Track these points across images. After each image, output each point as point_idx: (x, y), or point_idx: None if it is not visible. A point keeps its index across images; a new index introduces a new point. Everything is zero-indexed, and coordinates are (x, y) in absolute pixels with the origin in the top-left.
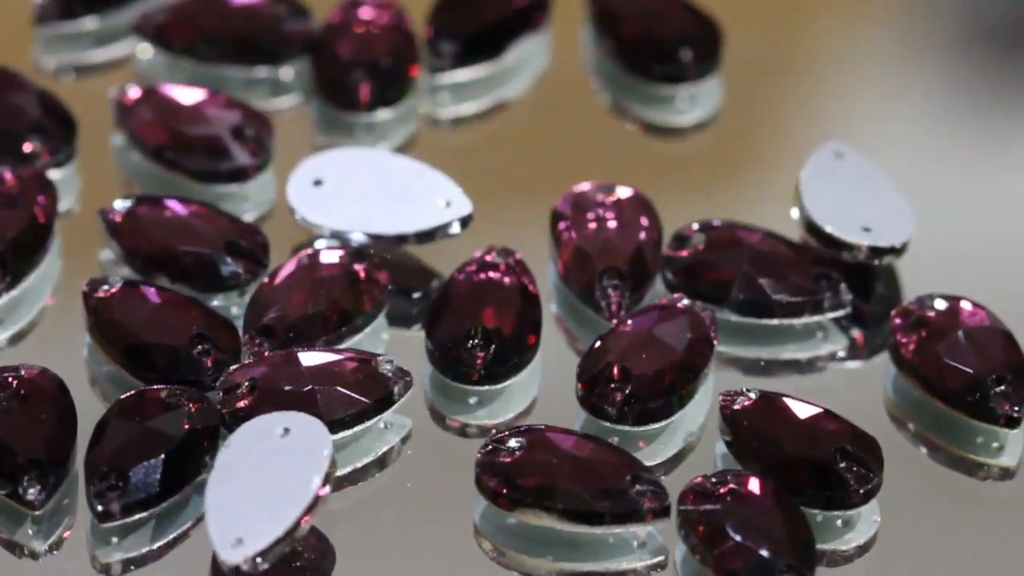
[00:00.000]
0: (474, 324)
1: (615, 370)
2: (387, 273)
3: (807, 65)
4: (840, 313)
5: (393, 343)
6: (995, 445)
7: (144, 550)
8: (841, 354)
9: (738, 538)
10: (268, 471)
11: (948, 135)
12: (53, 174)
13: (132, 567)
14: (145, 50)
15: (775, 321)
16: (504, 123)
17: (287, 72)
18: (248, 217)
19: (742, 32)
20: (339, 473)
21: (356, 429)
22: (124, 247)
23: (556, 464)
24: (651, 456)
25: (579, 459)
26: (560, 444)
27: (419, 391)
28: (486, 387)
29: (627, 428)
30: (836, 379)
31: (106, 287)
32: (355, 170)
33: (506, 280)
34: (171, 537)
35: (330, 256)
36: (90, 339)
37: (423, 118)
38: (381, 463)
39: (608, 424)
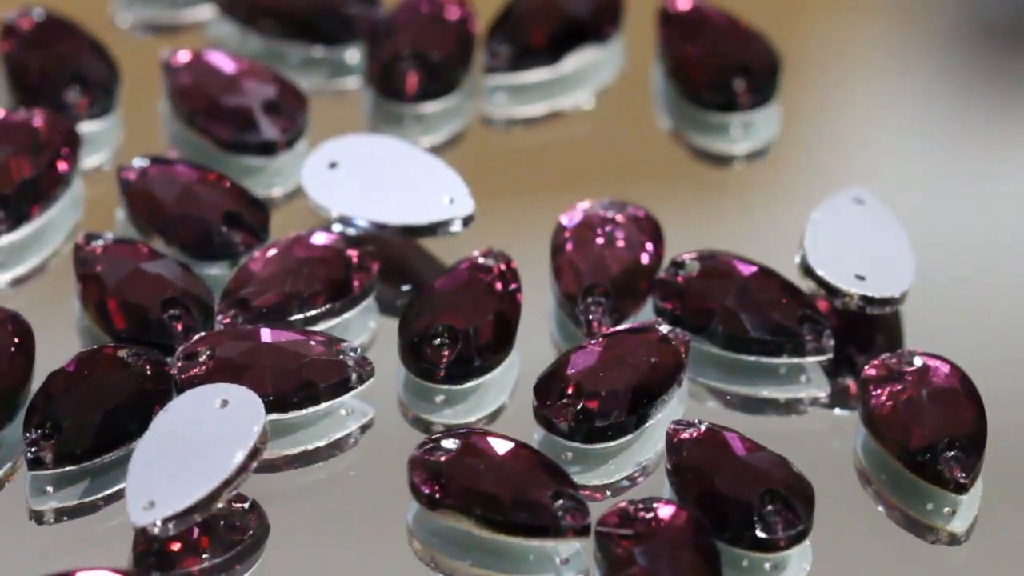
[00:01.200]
0: (443, 323)
1: (570, 386)
2: (378, 263)
3: (806, 62)
4: (821, 359)
5: (380, 332)
6: (947, 510)
7: (77, 502)
8: (824, 400)
9: (643, 565)
10: (196, 439)
11: (947, 134)
12: (90, 126)
13: (64, 517)
14: (218, 18)
15: (753, 358)
16: (553, 131)
17: (353, 55)
18: (275, 193)
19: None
20: (290, 452)
21: (308, 411)
22: (130, 206)
23: (483, 470)
24: (602, 476)
25: (507, 467)
26: (493, 450)
27: (392, 383)
28: (449, 387)
29: (577, 445)
30: (812, 425)
31: (99, 242)
32: (371, 157)
33: (490, 283)
34: (107, 493)
35: (319, 238)
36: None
37: (476, 116)
38: (336, 448)
39: (559, 439)
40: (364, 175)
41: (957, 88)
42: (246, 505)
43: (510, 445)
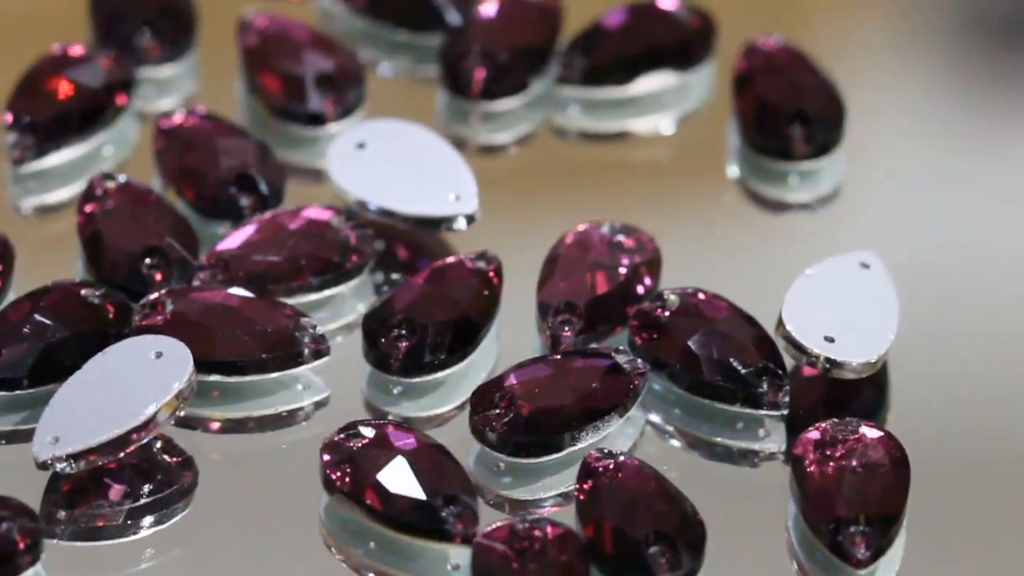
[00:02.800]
0: (404, 315)
1: (504, 398)
2: (373, 247)
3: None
4: (774, 414)
5: None
6: None
7: (13, 428)
8: (780, 456)
9: None
10: (119, 386)
11: (947, 131)
12: (167, 70)
13: (2, 441)
14: None
15: (717, 404)
16: (619, 151)
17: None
18: (319, 164)
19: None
20: (239, 415)
21: (254, 378)
22: (157, 154)
23: (381, 462)
24: (530, 492)
25: (407, 463)
26: (401, 445)
27: (359, 368)
28: (405, 379)
29: (506, 457)
30: (761, 478)
31: (110, 182)
32: (396, 143)
33: (468, 284)
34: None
35: (316, 213)
36: None
37: (546, 123)
38: (287, 420)
39: (490, 450)
40: (385, 160)
41: (956, 87)
42: (179, 459)
43: (422, 443)
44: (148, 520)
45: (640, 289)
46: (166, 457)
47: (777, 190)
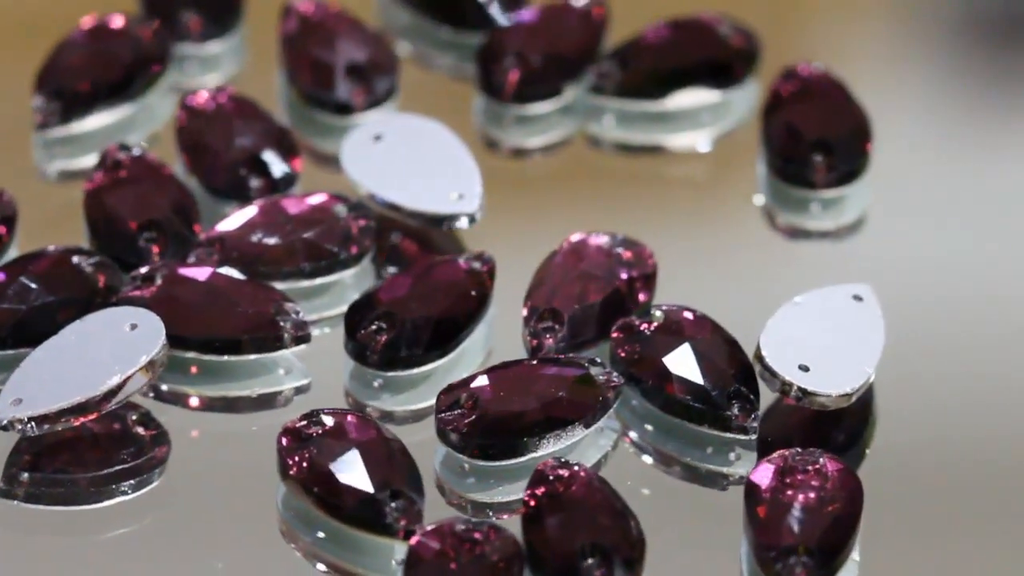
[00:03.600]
0: (385, 308)
1: (470, 399)
2: (372, 241)
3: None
4: (742, 438)
5: None
6: None
7: None
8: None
9: None
10: (90, 353)
11: (947, 127)
12: (207, 48)
13: None
14: None
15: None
16: (645, 164)
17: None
18: None
19: None
20: (218, 394)
21: (231, 358)
22: (177, 129)
23: (336, 451)
24: (490, 495)
25: (359, 455)
26: (356, 436)
27: (343, 358)
28: (382, 372)
29: (468, 459)
30: (727, 502)
31: (125, 153)
32: (411, 138)
33: (455, 283)
34: None
35: (320, 200)
36: None
37: (579, 131)
38: (265, 403)
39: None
40: (398, 154)
41: (956, 87)
42: (154, 432)
43: (378, 436)
44: (115, 489)
45: (632, 303)
46: (140, 429)
47: (799, 217)
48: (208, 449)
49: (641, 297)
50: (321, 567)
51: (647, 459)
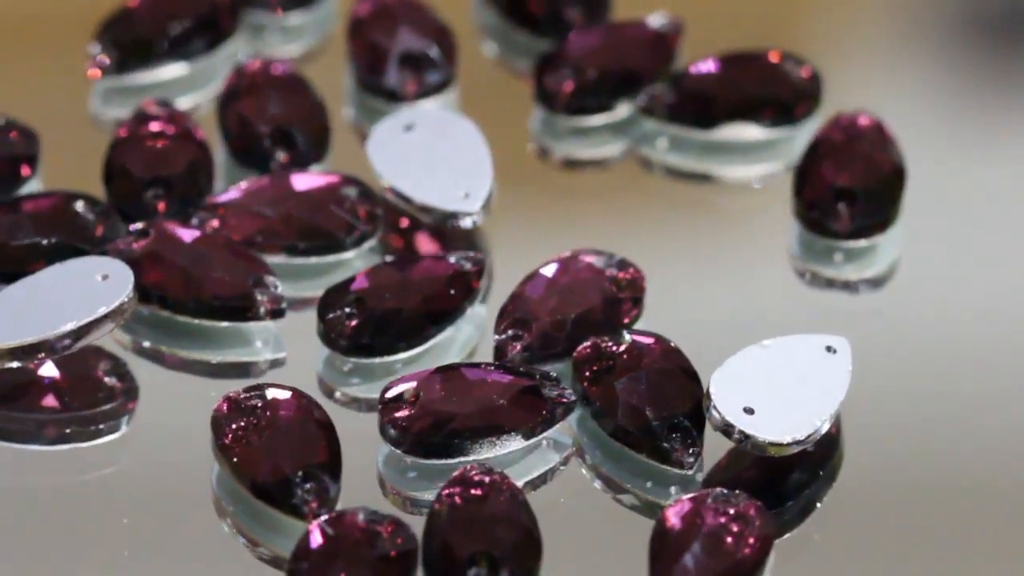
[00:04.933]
0: (358, 294)
1: (412, 396)
2: (375, 227)
3: (807, 42)
4: (680, 472)
5: None
6: None
7: None
8: None
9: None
10: (56, 298)
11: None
12: (292, 18)
13: None
14: None
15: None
16: (690, 191)
17: None
18: None
19: None
20: (190, 356)
21: (205, 322)
22: (222, 93)
23: (260, 426)
24: (421, 492)
25: (283, 433)
26: (284, 411)
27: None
28: (347, 357)
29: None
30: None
31: (159, 108)
32: (439, 132)
33: (438, 278)
34: None
35: (330, 180)
36: None
37: (630, 150)
38: (241, 371)
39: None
40: (422, 146)
41: (956, 85)
42: (124, 386)
43: (310, 417)
44: (73, 434)
45: (615, 323)
46: (112, 380)
47: (821, 263)
48: (176, 409)
49: (626, 319)
50: (242, 540)
51: (593, 481)
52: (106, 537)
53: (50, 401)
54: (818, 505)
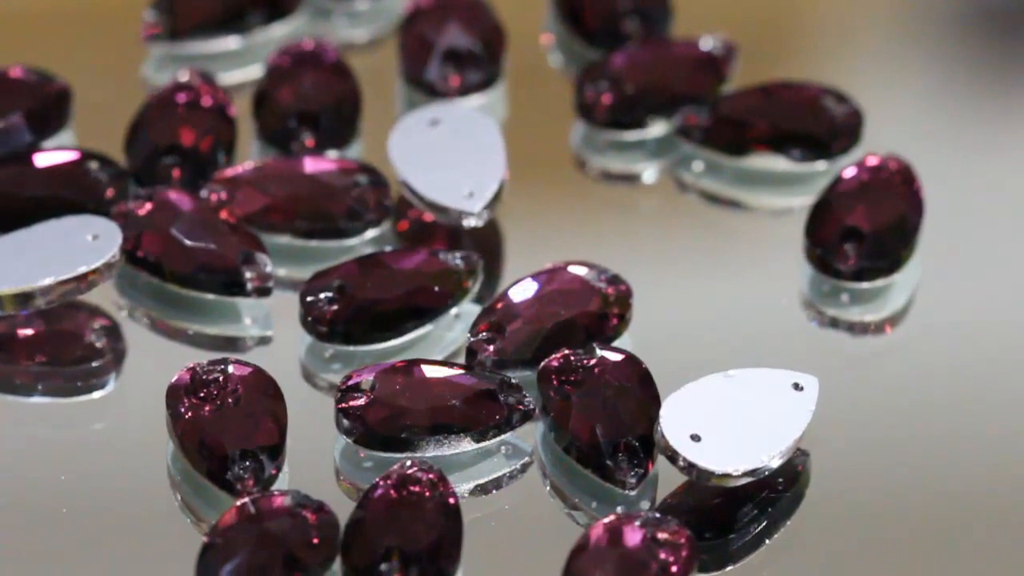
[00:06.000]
0: (341, 281)
1: (369, 386)
2: (381, 217)
3: (808, 37)
4: (624, 493)
5: None
6: None
7: None
8: None
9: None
10: (43, 251)
11: (947, 120)
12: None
13: None
14: None
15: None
16: (717, 216)
17: None
18: None
19: None
20: (182, 326)
21: (191, 293)
22: (266, 71)
23: (212, 400)
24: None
25: (227, 409)
26: (236, 388)
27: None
28: (324, 343)
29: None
30: None
31: (199, 80)
32: (461, 129)
33: (424, 271)
34: None
35: (343, 166)
36: None
37: (665, 169)
38: (223, 344)
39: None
40: (441, 142)
41: (958, 77)
42: (113, 346)
43: (262, 396)
44: (56, 389)
45: (588, 336)
46: (102, 340)
47: (826, 302)
48: (158, 375)
49: (608, 334)
50: (188, 516)
51: (546, 492)
52: (70, 492)
53: (36, 355)
54: (767, 541)
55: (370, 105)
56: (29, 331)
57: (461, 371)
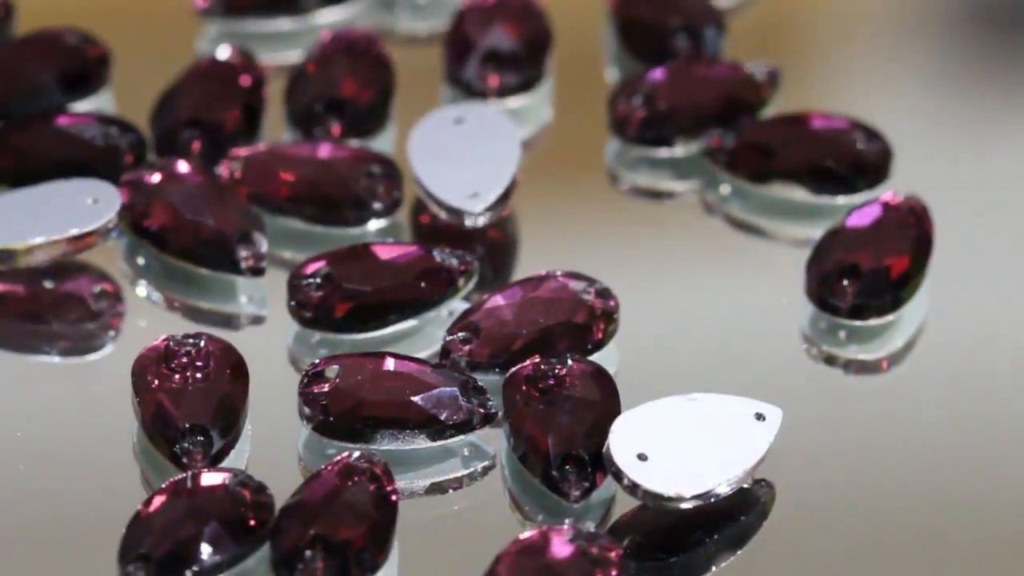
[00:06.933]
0: (330, 268)
1: (332, 376)
2: (390, 207)
3: (808, 39)
4: (566, 505)
5: None
6: None
7: None
8: None
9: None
10: (42, 211)
11: (948, 115)
12: None
13: None
14: None
15: None
16: (736, 241)
17: None
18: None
19: None
20: (182, 299)
21: (186, 265)
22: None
23: (170, 373)
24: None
25: (185, 382)
26: (200, 363)
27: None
28: (310, 329)
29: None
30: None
31: (238, 58)
32: (482, 129)
33: (415, 267)
34: None
35: (354, 152)
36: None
37: (694, 188)
38: (217, 319)
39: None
40: (460, 141)
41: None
42: (114, 310)
43: (225, 372)
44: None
45: (568, 346)
46: (99, 303)
47: (828, 340)
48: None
49: (587, 347)
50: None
51: (502, 498)
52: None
53: (35, 313)
54: (713, 568)
55: (412, 99)
56: (30, 289)
57: (429, 369)
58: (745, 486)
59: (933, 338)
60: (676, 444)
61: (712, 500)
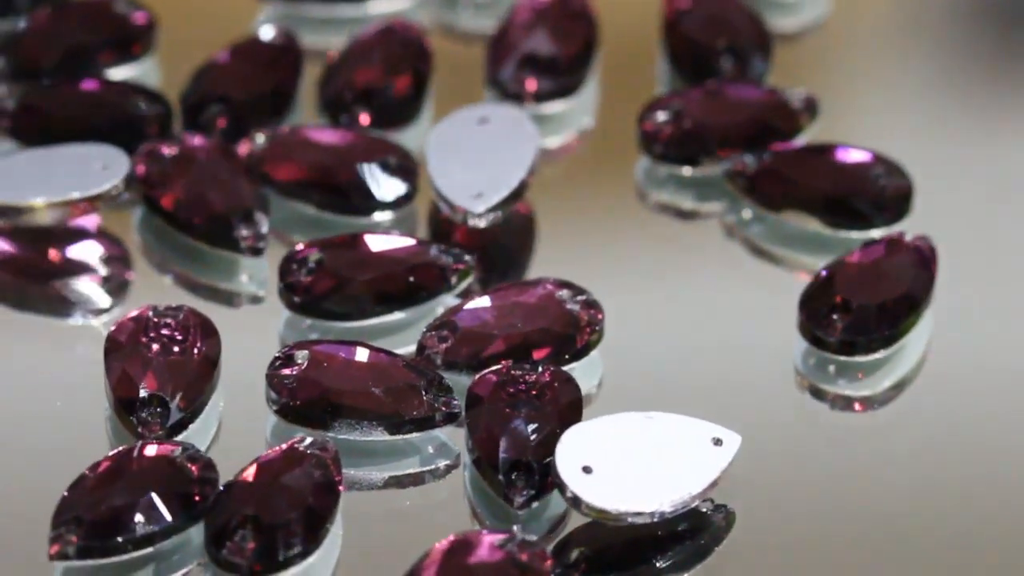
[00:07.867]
0: (321, 256)
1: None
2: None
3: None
4: (511, 511)
5: None
6: None
7: None
8: None
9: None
10: (48, 173)
11: (948, 113)
12: None
13: None
14: None
15: None
16: (750, 265)
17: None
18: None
19: None
20: (186, 273)
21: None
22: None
23: (141, 339)
24: None
25: (151, 352)
26: (166, 332)
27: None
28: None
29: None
30: None
31: (277, 38)
32: (503, 130)
33: (411, 262)
34: None
35: (371, 142)
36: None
37: (719, 210)
38: (217, 296)
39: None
40: (480, 140)
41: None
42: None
43: (191, 348)
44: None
45: (549, 352)
46: (107, 268)
47: (816, 374)
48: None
49: (565, 356)
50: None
51: (461, 500)
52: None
53: (42, 273)
54: None
55: (454, 96)
56: (39, 250)
57: (399, 363)
58: (704, 510)
59: (923, 379)
60: (624, 460)
61: (655, 520)
